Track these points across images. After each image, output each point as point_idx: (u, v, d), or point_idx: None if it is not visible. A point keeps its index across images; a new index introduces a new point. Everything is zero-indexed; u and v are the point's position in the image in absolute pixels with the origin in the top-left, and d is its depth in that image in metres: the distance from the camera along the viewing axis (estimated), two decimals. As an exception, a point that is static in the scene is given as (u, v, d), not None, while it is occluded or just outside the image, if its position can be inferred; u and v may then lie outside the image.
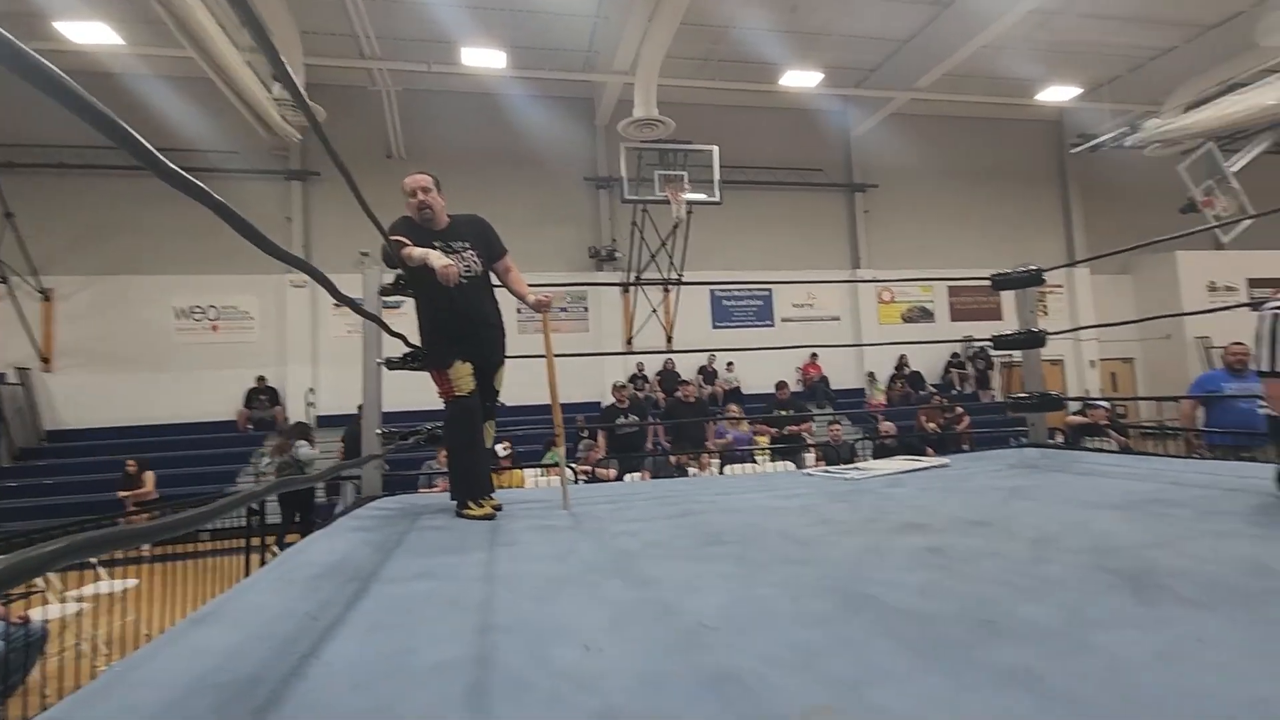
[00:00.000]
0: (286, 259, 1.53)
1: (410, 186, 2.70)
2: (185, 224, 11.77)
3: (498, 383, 2.93)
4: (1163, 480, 2.74)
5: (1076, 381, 14.60)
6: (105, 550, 0.68)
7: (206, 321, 11.96)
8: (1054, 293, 14.81)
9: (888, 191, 14.58)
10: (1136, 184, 14.30)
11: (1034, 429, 4.19)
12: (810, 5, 10.72)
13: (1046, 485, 2.81)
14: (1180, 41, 12.10)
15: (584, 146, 13.52)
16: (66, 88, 0.73)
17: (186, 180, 0.96)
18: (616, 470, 6.60)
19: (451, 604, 1.44)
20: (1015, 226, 15.07)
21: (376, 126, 12.05)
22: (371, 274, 3.38)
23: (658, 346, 12.72)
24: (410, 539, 2.21)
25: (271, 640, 1.23)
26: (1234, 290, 14.73)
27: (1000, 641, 1.11)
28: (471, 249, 2.75)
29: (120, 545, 0.75)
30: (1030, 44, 11.84)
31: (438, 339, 2.73)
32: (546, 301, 2.79)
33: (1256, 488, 2.42)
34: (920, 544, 1.85)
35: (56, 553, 0.56)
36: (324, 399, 11.77)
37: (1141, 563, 1.54)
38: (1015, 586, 1.41)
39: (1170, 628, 1.14)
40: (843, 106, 14.24)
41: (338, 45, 10.70)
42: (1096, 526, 1.96)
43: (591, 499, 3.09)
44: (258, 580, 1.77)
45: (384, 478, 3.53)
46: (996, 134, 15.10)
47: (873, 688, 0.97)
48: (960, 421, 9.10)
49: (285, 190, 12.27)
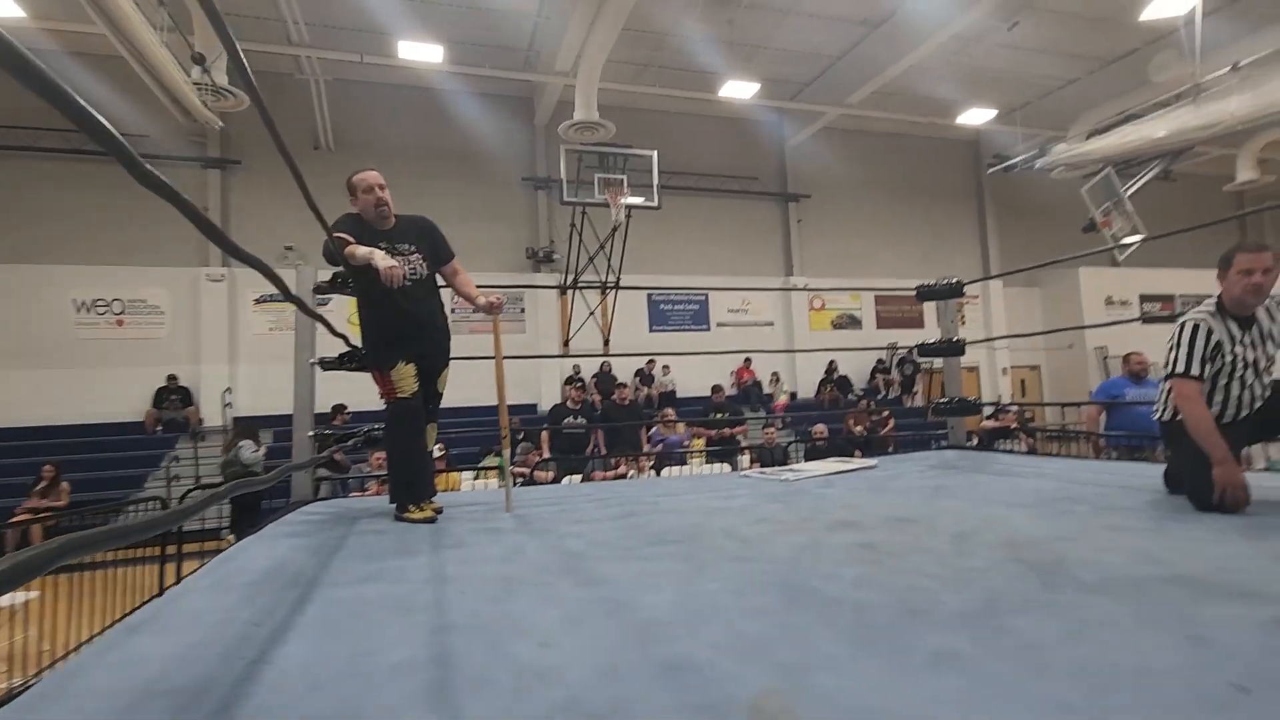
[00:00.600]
0: (245, 259, 1.48)
1: (369, 182, 2.63)
2: (87, 210, 10.99)
3: (441, 385, 2.88)
4: (1066, 480, 2.98)
5: (990, 388, 15.51)
6: (95, 550, 0.66)
7: (111, 315, 11.16)
8: (971, 303, 15.69)
9: (820, 202, 15.11)
10: (1045, 203, 15.35)
11: (953, 432, 4.46)
12: (748, 19, 11.00)
13: (966, 485, 3.01)
14: (1083, 74, 13.10)
15: (523, 146, 13.40)
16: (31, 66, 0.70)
17: (147, 171, 0.93)
18: (555, 473, 6.58)
19: (402, 606, 1.43)
20: (936, 239, 15.88)
21: (304, 116, 11.57)
22: (306, 271, 3.28)
23: (595, 349, 12.73)
24: (351, 543, 2.16)
25: (215, 646, 1.19)
26: (1128, 304, 16.02)
27: (929, 627, 1.21)
28: (417, 251, 2.71)
29: (107, 546, 0.73)
30: (952, 68, 12.55)
31: (381, 340, 2.68)
32: (498, 304, 2.76)
33: (1147, 485, 2.67)
34: (853, 540, 1.96)
35: (52, 553, 0.55)
36: (242, 399, 11.19)
37: (1049, 554, 1.69)
38: (940, 578, 1.53)
39: (1074, 611, 1.27)
40: (778, 118, 14.66)
41: (263, 29, 10.23)
42: (1010, 522, 2.13)
43: (533, 501, 3.09)
44: (190, 588, 1.70)
45: (314, 482, 3.43)
46: (920, 151, 15.89)
47: (816, 672, 1.04)
48: (886, 425, 9.54)
49: (202, 179, 11.60)
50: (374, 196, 2.63)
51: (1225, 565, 1.53)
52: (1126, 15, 10.67)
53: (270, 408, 10.45)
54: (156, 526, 0.88)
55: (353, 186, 2.67)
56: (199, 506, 1.13)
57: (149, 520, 0.86)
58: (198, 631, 1.29)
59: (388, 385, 2.64)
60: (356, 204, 2.68)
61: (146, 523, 0.84)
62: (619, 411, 8.17)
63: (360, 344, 2.80)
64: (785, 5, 10.67)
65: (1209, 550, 1.68)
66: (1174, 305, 16.03)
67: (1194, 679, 0.96)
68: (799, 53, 12.11)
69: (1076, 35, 11.73)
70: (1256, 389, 2.31)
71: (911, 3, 10.29)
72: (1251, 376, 2.29)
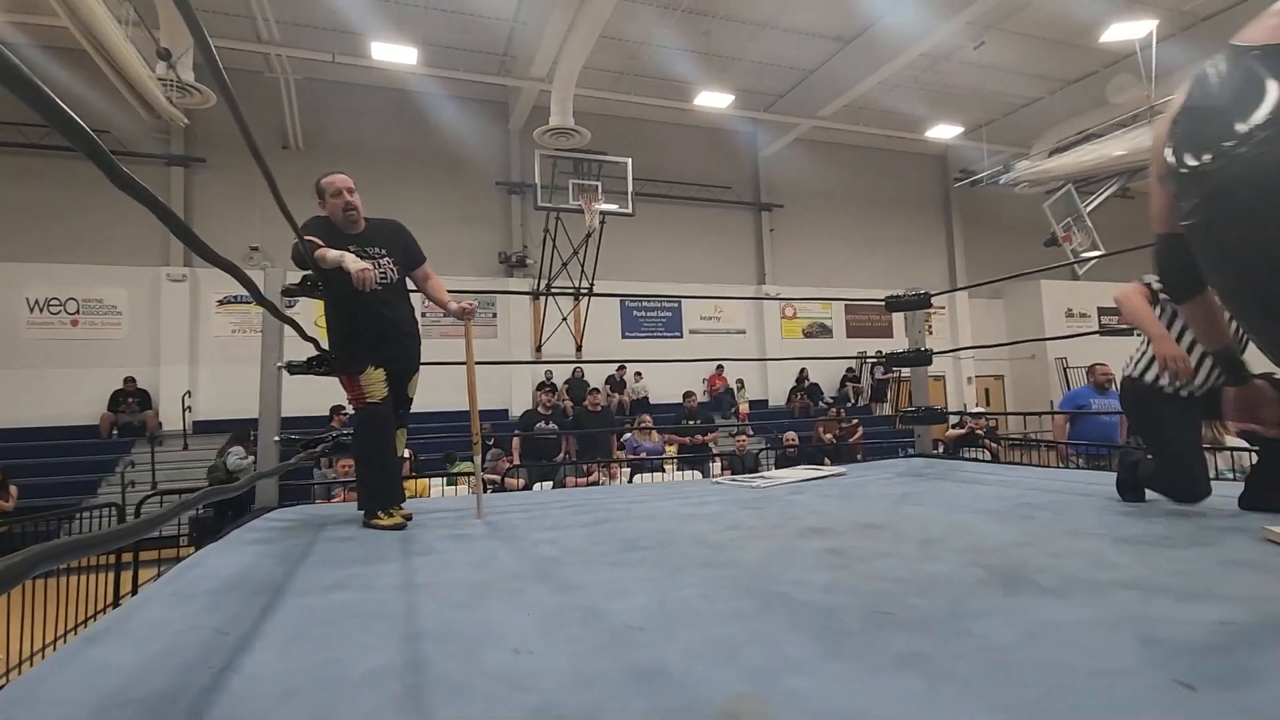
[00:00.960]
0: (216, 261, 1.46)
1: (338, 186, 2.59)
2: (41, 206, 10.64)
3: (411, 390, 2.85)
4: (1027, 487, 3.07)
5: (956, 396, 15.86)
6: (67, 559, 0.65)
7: (65, 315, 10.81)
8: (938, 314, 16.04)
9: (792, 212, 15.32)
10: (1009, 217, 15.79)
11: (920, 440, 4.55)
12: (724, 31, 11.15)
13: (932, 492, 3.07)
14: (1046, 93, 13.53)
15: (497, 150, 13.35)
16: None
17: (121, 171, 0.91)
18: (525, 479, 6.54)
19: (373, 614, 1.42)
20: (905, 250, 16.22)
21: (273, 115, 11.37)
22: (274, 272, 3.22)
23: (567, 354, 12.70)
24: (318, 550, 2.13)
25: (180, 655, 1.17)
26: (1087, 317, 16.54)
27: (895, 631, 1.24)
28: (388, 255, 2.68)
29: (79, 554, 0.72)
30: (920, 85, 12.88)
31: (349, 344, 2.64)
32: (470, 309, 2.75)
33: (1103, 492, 2.76)
34: (823, 546, 1.99)
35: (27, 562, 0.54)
36: (203, 403, 10.91)
37: (1011, 559, 1.74)
38: (907, 582, 1.57)
39: (1033, 614, 1.31)
40: (752, 128, 14.86)
41: (232, 26, 10.05)
42: (974, 528, 2.18)
43: (504, 508, 3.07)
44: (151, 596, 1.66)
45: (280, 488, 3.36)
46: (890, 164, 16.23)
47: (787, 675, 1.06)
48: (854, 433, 9.68)
49: (165, 176, 11.31)
50: (342, 200, 2.59)
51: (1176, 569, 1.59)
52: (1087, 38, 11.07)
53: (232, 411, 10.21)
54: (137, 532, 0.87)
55: (321, 189, 2.63)
56: (178, 510, 1.11)
57: (130, 526, 0.84)
58: (162, 640, 1.26)
59: (356, 390, 2.60)
60: (325, 207, 2.64)
61: (127, 529, 0.83)
62: (590, 418, 8.16)
63: (328, 348, 2.76)
64: (761, 19, 10.84)
65: (1161, 555, 1.74)
66: (1130, 318, 16.58)
67: (1144, 678, 1.00)
68: (773, 65, 12.30)
69: (1039, 56, 12.12)
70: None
71: (883, 20, 10.53)
72: None
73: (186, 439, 10.26)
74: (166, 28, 8.07)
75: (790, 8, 10.54)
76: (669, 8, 10.44)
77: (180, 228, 1.13)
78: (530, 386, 12.28)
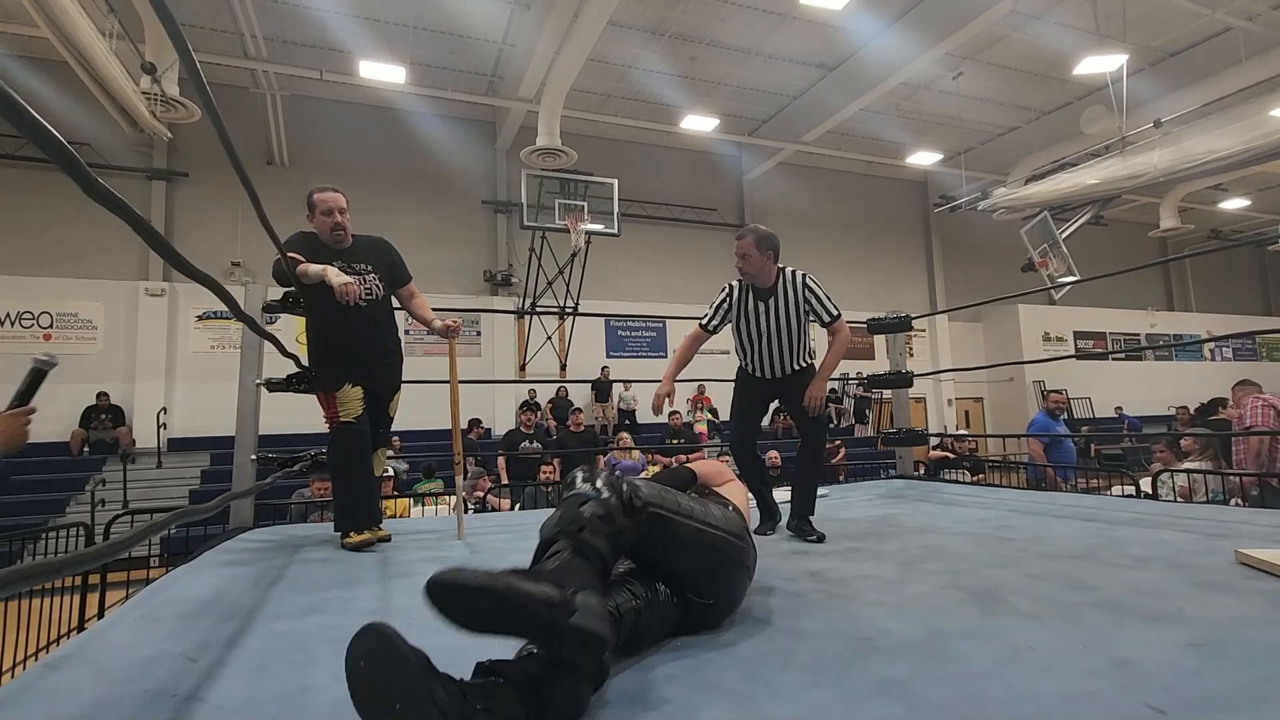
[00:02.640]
0: (197, 276, 1.44)
1: (329, 205, 2.58)
2: (15, 217, 10.48)
3: (392, 409, 2.82)
4: (1005, 509, 3.09)
5: (936, 418, 16.00)
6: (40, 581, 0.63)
7: (37, 329, 10.59)
8: (918, 336, 16.23)
9: (776, 234, 15.44)
10: (988, 242, 16.09)
11: (901, 462, 4.58)
12: (709, 57, 11.34)
13: (912, 513, 3.09)
14: (1022, 123, 13.90)
15: (484, 169, 13.39)
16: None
17: (99, 185, 0.90)
18: (512, 499, 6.47)
19: (348, 639, 1.39)
20: (886, 273, 16.44)
21: (258, 130, 11.34)
22: (255, 289, 3.20)
23: (551, 374, 12.66)
24: (292, 573, 2.09)
25: (144, 683, 1.14)
26: (1063, 340, 16.82)
27: (874, 656, 1.24)
28: (374, 272, 2.67)
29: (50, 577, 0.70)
30: (901, 112, 13.16)
31: (328, 360, 2.61)
32: (455, 327, 2.74)
33: (1078, 514, 2.79)
34: (803, 568, 1.99)
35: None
36: (179, 420, 10.71)
37: (988, 581, 1.75)
38: (885, 605, 1.57)
39: (1008, 637, 1.32)
40: (737, 151, 15.06)
41: (218, 41, 10.05)
42: (952, 550, 2.20)
43: (485, 529, 3.04)
44: (117, 620, 1.61)
45: (255, 508, 3.30)
46: (872, 189, 16.51)
47: (767, 701, 1.05)
48: (837, 454, 9.71)
49: (146, 190, 11.20)
50: (332, 220, 2.59)
51: (1149, 591, 1.61)
52: (1060, 70, 11.39)
53: (208, 429, 10.03)
54: (120, 549, 0.85)
55: (312, 204, 2.62)
56: (146, 532, 1.08)
57: (112, 544, 0.82)
58: (126, 667, 1.22)
59: (332, 408, 2.57)
60: (313, 221, 2.63)
61: (111, 546, 0.81)
62: (573, 438, 8.12)
63: (308, 363, 2.74)
64: (746, 45, 11.05)
65: (1134, 576, 1.76)
66: (1106, 343, 16.90)
67: (1115, 701, 1.01)
68: (758, 91, 12.52)
69: (1015, 87, 12.46)
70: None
71: (865, 49, 10.79)
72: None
73: (160, 457, 10.04)
74: (151, 41, 8.04)
75: (774, 36, 10.76)
76: (656, 33, 10.62)
77: (156, 240, 1.12)
78: (514, 406, 12.21)
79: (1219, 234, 18.50)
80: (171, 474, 9.69)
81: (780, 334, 2.61)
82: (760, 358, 2.67)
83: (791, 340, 2.61)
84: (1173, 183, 11.47)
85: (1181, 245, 17.82)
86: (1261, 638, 1.26)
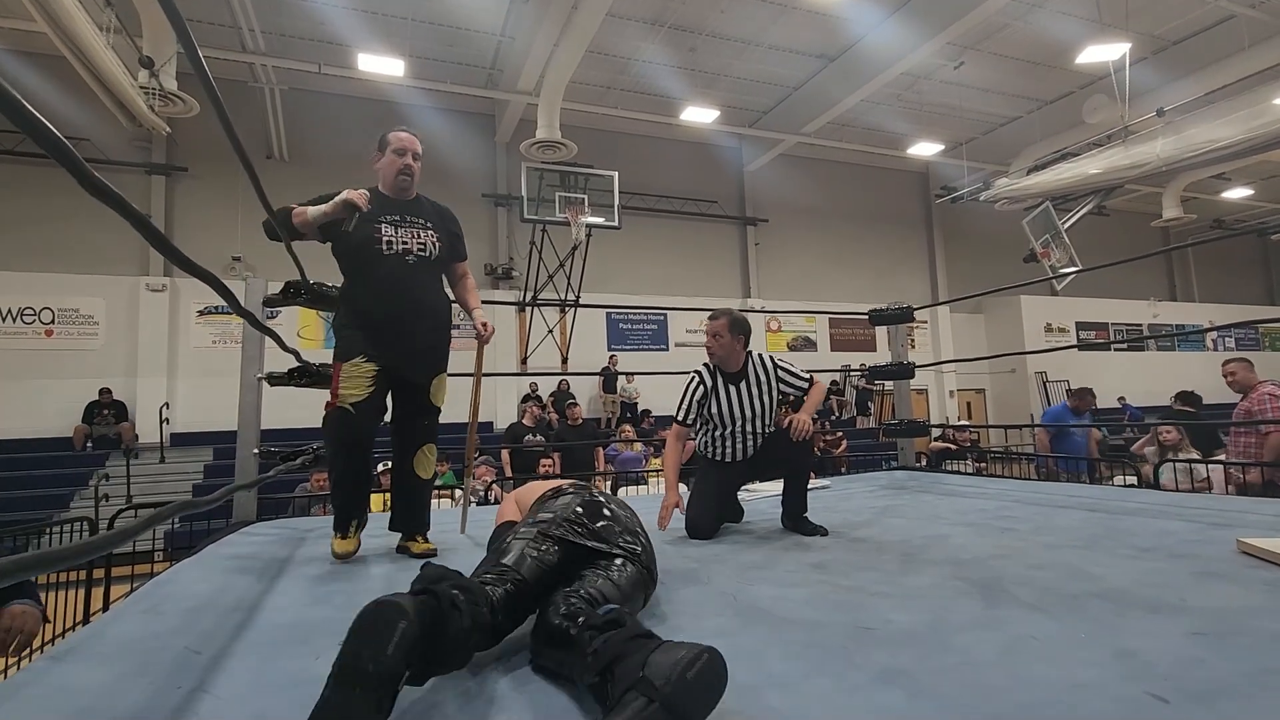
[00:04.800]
0: (196, 271, 1.44)
1: (403, 144, 2.30)
2: (15, 214, 10.48)
3: (436, 397, 2.40)
4: (1007, 499, 3.09)
5: (938, 409, 16.00)
6: (39, 571, 0.63)
7: (39, 325, 10.61)
8: (920, 328, 16.21)
9: (777, 226, 15.45)
10: (989, 233, 16.04)
11: (903, 453, 4.58)
12: (709, 48, 11.28)
13: (914, 505, 3.09)
14: (1023, 113, 13.83)
15: (483, 162, 13.36)
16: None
17: (97, 181, 0.90)
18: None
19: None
20: (888, 265, 16.41)
21: (257, 125, 11.31)
22: (255, 283, 3.19)
23: (553, 366, 12.67)
24: (295, 566, 2.10)
25: (149, 675, 1.14)
26: (1065, 331, 16.80)
27: (876, 646, 1.24)
28: (434, 230, 2.38)
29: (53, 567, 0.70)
30: (902, 103, 13.10)
31: (352, 320, 2.27)
32: (490, 330, 2.51)
33: (1080, 505, 2.80)
34: (806, 559, 1.99)
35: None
36: (181, 415, 10.73)
37: (990, 572, 1.75)
38: (888, 596, 1.57)
39: (1011, 627, 1.32)
40: (738, 143, 15.00)
41: (216, 35, 10.01)
42: (954, 540, 2.20)
43: (489, 522, 3.04)
44: (121, 613, 1.62)
45: (259, 502, 3.31)
46: (873, 180, 16.45)
47: (769, 691, 1.05)
48: (839, 446, 9.72)
49: (145, 184, 11.19)
50: (404, 161, 2.30)
51: (1149, 580, 1.61)
52: (1063, 60, 11.33)
53: (210, 424, 10.05)
54: (100, 547, 0.85)
55: (385, 141, 2.33)
56: (147, 524, 1.08)
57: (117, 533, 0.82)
58: (131, 659, 1.23)
59: (335, 384, 2.25)
60: (378, 162, 2.34)
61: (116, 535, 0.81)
62: (570, 432, 8.12)
63: (332, 330, 2.45)
64: (746, 36, 10.99)
65: (1135, 566, 1.76)
66: (1108, 333, 16.88)
67: (1118, 691, 1.01)
68: (758, 82, 12.46)
69: (1017, 76, 12.39)
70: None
71: (865, 40, 10.72)
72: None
73: (163, 451, 10.07)
74: (149, 35, 8.01)
75: (775, 26, 10.70)
76: (656, 24, 10.56)
77: (154, 235, 1.12)
78: (515, 399, 12.22)
79: (1222, 223, 18.45)
80: (174, 469, 9.72)
81: (754, 417, 2.65)
82: (733, 441, 2.66)
83: (765, 420, 2.67)
84: (1175, 172, 11.41)
85: (1184, 235, 17.77)
86: (1264, 626, 1.26)
